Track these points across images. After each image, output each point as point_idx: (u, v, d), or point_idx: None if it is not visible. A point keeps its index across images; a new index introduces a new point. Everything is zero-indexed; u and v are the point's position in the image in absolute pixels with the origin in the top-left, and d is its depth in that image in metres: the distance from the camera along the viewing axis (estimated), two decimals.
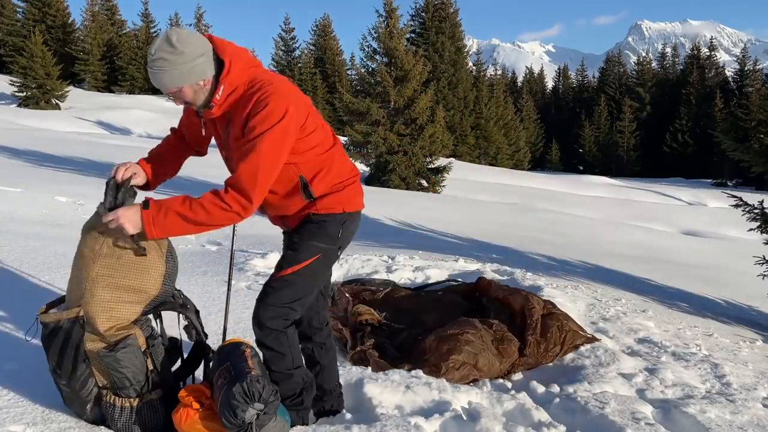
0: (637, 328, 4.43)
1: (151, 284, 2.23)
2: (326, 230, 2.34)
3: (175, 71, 2.06)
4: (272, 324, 2.31)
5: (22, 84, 31.98)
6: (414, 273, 5.46)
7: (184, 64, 2.06)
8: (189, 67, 2.07)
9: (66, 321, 2.17)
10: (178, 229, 2.10)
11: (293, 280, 2.33)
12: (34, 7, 43.34)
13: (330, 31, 52.32)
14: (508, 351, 3.59)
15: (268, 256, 5.28)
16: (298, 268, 2.32)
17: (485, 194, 19.18)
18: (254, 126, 2.08)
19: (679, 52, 67.44)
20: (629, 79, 61.98)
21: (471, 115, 38.45)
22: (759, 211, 6.76)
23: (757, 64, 55.67)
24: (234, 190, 2.08)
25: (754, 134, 9.74)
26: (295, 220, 2.40)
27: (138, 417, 2.24)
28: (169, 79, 2.07)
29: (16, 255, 4.31)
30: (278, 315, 2.31)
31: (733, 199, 6.89)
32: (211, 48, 2.14)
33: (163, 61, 2.04)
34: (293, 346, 2.40)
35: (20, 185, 7.80)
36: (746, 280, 8.06)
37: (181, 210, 2.06)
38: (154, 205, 2.07)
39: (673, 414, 2.99)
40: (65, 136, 19.00)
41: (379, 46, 19.82)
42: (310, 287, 2.40)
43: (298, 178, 2.27)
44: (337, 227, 2.35)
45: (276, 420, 2.19)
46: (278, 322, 2.32)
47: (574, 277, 6.55)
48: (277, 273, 2.35)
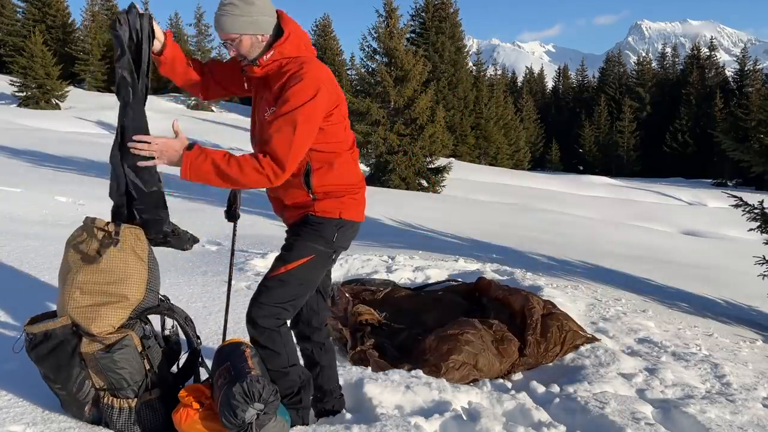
0: (637, 328, 4.43)
1: (134, 291, 2.25)
2: (321, 233, 2.37)
3: (242, 18, 2.19)
4: (265, 323, 2.32)
5: (22, 84, 31.97)
6: (414, 273, 5.46)
7: (250, 15, 2.19)
8: (254, 19, 2.21)
9: (58, 329, 2.18)
10: (210, 178, 2.15)
11: (287, 280, 2.35)
12: (34, 7, 43.32)
13: (330, 31, 52.31)
14: (508, 351, 3.59)
15: (268, 256, 5.27)
16: (291, 267, 2.35)
17: (485, 194, 19.19)
18: (288, 98, 2.17)
19: (679, 52, 67.43)
20: (629, 79, 61.95)
21: (471, 115, 38.44)
22: (759, 211, 6.76)
23: (757, 64, 55.63)
24: (270, 157, 2.16)
25: (754, 134, 9.75)
26: (293, 215, 2.43)
27: (137, 418, 2.24)
28: (233, 23, 2.19)
29: (16, 255, 4.32)
30: (271, 314, 2.33)
31: (733, 199, 6.89)
32: (277, 17, 2.29)
33: (233, 6, 2.18)
34: (287, 345, 2.40)
35: (20, 185, 7.80)
36: (746, 280, 8.06)
37: (218, 161, 2.13)
38: (197, 149, 2.14)
39: (673, 414, 2.99)
40: (65, 136, 19.00)
41: (379, 46, 19.82)
42: (303, 289, 2.42)
43: (305, 164, 2.31)
44: (332, 231, 2.38)
45: (276, 420, 2.19)
46: (271, 321, 2.33)
47: (574, 277, 6.55)
48: (271, 272, 2.38)
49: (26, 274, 3.94)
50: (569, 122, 61.10)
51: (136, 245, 2.31)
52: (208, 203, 8.48)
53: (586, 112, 57.72)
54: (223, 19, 2.19)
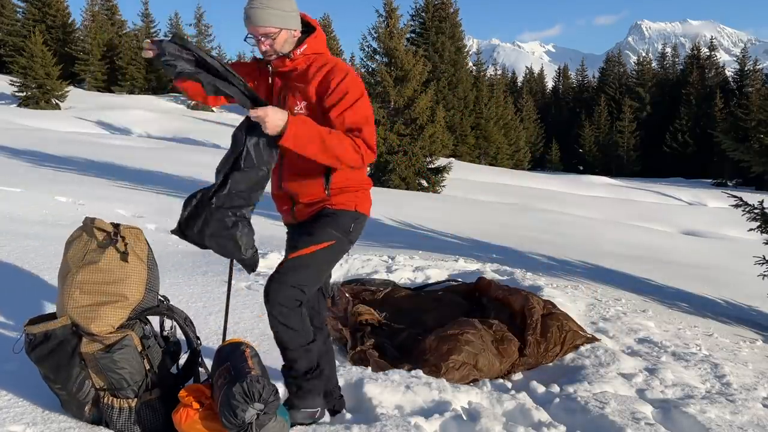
0: (637, 328, 4.43)
1: (133, 290, 2.25)
2: (339, 221, 2.42)
3: (281, 12, 2.24)
4: (284, 301, 2.33)
5: (22, 84, 31.98)
6: (414, 273, 5.46)
7: (288, 11, 2.26)
8: (292, 15, 2.28)
9: (58, 329, 2.18)
10: (310, 146, 2.19)
11: (307, 263, 2.37)
12: (34, 7, 43.34)
13: (330, 31, 52.32)
14: (508, 351, 3.59)
15: (268, 256, 5.28)
16: (314, 249, 2.37)
17: (485, 194, 19.19)
18: (347, 90, 2.27)
19: (679, 52, 67.44)
20: (629, 79, 61.97)
21: (471, 115, 38.44)
22: (759, 211, 6.76)
23: (757, 64, 55.65)
24: (360, 138, 2.25)
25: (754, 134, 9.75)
26: (307, 211, 2.46)
27: (137, 418, 2.24)
28: (273, 17, 2.23)
29: (16, 255, 4.31)
30: (290, 294, 2.34)
31: (733, 199, 6.89)
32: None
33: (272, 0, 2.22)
34: (305, 323, 2.42)
35: (20, 185, 7.79)
36: (746, 280, 8.06)
37: (322, 131, 2.19)
38: (300, 117, 2.22)
39: (673, 414, 2.99)
40: (65, 136, 19.00)
41: (379, 46, 19.81)
42: (321, 274, 2.47)
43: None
44: (349, 222, 2.44)
45: (276, 420, 2.19)
46: (290, 300, 2.34)
47: (574, 277, 6.56)
48: (293, 253, 2.39)
49: (26, 274, 3.94)
50: (569, 122, 61.11)
51: (135, 245, 2.32)
52: None
53: (586, 112, 57.73)
54: (261, 12, 2.22)
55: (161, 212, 7.24)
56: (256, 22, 2.24)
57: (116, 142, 19.39)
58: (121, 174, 10.77)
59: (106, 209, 6.88)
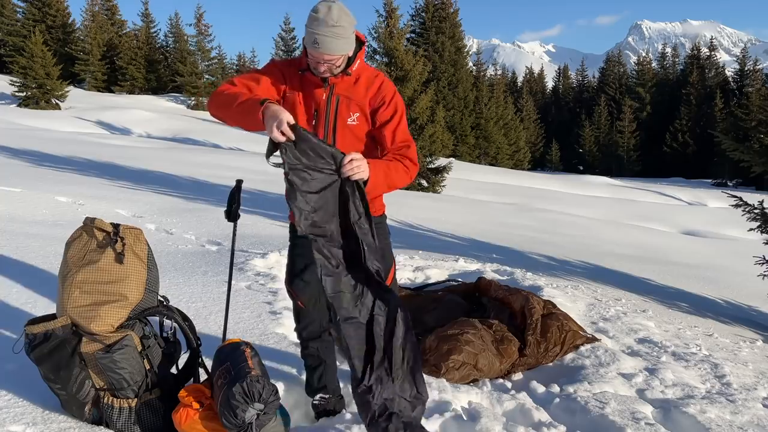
0: (637, 328, 4.43)
1: (133, 290, 2.26)
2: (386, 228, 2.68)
3: (350, 39, 2.31)
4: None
5: (22, 84, 31.94)
6: (414, 273, 5.46)
7: (352, 35, 2.33)
8: (354, 38, 2.34)
9: (58, 329, 2.18)
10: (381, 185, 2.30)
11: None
12: (34, 7, 43.32)
13: None
14: (508, 351, 3.59)
15: (268, 256, 5.27)
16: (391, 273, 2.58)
17: (485, 194, 19.18)
18: (397, 107, 2.42)
19: (679, 52, 67.47)
20: (629, 79, 62.00)
21: (471, 115, 38.44)
22: (759, 211, 6.76)
23: (757, 64, 55.66)
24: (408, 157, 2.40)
25: (754, 134, 9.75)
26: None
27: (137, 418, 2.24)
28: (345, 45, 2.28)
29: (17, 255, 4.31)
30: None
31: (733, 199, 6.90)
32: None
33: (343, 29, 2.24)
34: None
35: (20, 185, 7.79)
36: (746, 280, 8.06)
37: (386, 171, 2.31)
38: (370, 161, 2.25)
39: (673, 414, 2.99)
40: (65, 136, 19.00)
41: (379, 46, 19.80)
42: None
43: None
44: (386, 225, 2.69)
45: (276, 420, 2.19)
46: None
47: (574, 277, 6.56)
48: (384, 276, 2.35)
49: (26, 275, 3.94)
50: (569, 122, 61.15)
51: (135, 245, 2.32)
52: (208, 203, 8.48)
53: (586, 112, 57.77)
54: (336, 42, 2.23)
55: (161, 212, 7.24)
56: (330, 52, 2.24)
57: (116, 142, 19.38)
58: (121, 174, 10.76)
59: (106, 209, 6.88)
